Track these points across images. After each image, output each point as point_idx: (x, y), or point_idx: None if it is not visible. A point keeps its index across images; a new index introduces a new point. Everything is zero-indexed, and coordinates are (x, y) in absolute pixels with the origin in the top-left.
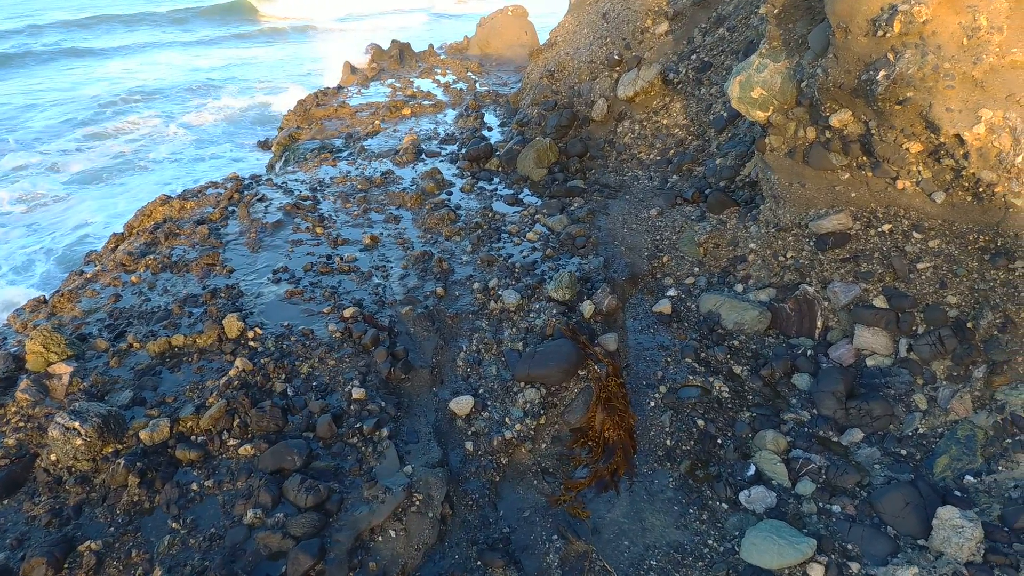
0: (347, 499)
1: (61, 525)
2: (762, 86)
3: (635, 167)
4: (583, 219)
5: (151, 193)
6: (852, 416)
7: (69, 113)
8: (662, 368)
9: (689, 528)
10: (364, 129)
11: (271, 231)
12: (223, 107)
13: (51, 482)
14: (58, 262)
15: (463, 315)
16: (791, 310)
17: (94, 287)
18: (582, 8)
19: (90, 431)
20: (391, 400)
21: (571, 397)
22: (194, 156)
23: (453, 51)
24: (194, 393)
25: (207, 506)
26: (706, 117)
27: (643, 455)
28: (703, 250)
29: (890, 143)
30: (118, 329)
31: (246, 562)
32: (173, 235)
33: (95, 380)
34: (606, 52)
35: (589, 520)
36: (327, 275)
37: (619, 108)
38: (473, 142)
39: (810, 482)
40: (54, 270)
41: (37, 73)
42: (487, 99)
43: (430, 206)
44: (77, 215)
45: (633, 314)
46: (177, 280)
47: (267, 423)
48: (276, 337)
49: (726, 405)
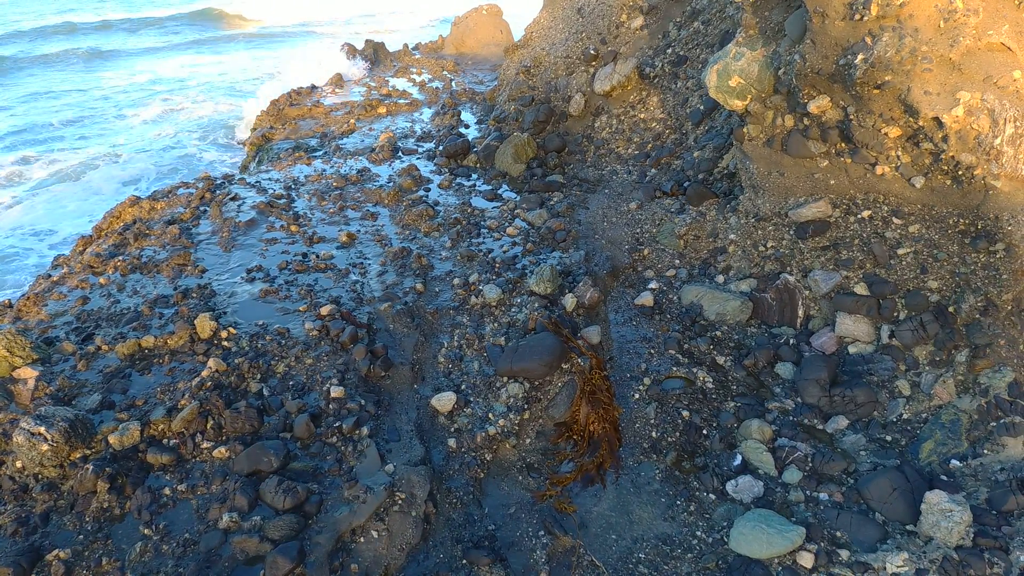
0: (327, 500)
1: (28, 534)
2: (739, 75)
3: (613, 161)
4: (563, 213)
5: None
6: (836, 403)
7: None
8: (645, 360)
9: (677, 520)
10: (339, 128)
11: (244, 230)
12: (191, 110)
13: (16, 490)
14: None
15: (443, 311)
16: (772, 299)
17: (61, 290)
18: (557, 3)
19: (57, 436)
20: (371, 398)
21: (555, 391)
22: (163, 162)
23: (428, 50)
24: (165, 395)
25: (180, 511)
26: (683, 110)
27: (629, 448)
28: (683, 242)
29: (868, 128)
30: (86, 332)
31: (222, 568)
32: (143, 236)
33: (62, 384)
34: (582, 47)
35: (576, 515)
36: (303, 273)
37: (596, 103)
38: (450, 139)
39: (797, 470)
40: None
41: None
42: (463, 97)
43: (408, 203)
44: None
45: (615, 307)
46: (147, 281)
47: (242, 424)
48: (250, 336)
49: (710, 396)
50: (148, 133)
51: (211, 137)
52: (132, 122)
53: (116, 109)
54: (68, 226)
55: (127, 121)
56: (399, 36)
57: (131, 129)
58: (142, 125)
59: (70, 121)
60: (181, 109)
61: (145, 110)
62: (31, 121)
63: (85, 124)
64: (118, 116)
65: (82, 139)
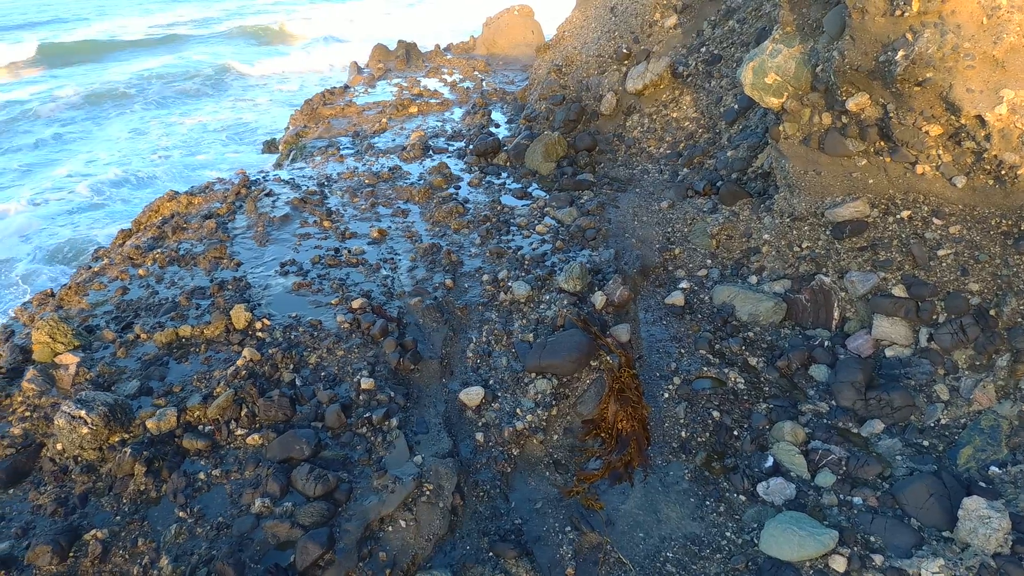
0: (356, 489)
1: (67, 514)
2: (776, 72)
3: (644, 160)
4: (593, 212)
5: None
6: (872, 407)
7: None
8: (675, 359)
9: (706, 520)
10: (371, 127)
11: (279, 225)
12: (227, 111)
13: (57, 471)
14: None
15: (472, 306)
16: (807, 301)
17: (101, 280)
18: (589, 3)
19: (96, 420)
20: (400, 390)
21: (583, 388)
22: (193, 163)
23: (459, 51)
24: (201, 383)
25: (214, 495)
26: (717, 109)
27: (657, 447)
28: (716, 242)
29: (909, 126)
30: (125, 321)
31: (254, 551)
32: (180, 229)
33: (102, 370)
34: (614, 46)
35: (603, 512)
36: (335, 267)
37: (628, 102)
38: (481, 137)
39: (830, 473)
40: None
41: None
42: (494, 96)
43: (438, 200)
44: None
45: (645, 306)
46: (184, 273)
47: (275, 413)
48: (284, 328)
49: (742, 396)
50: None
51: (246, 138)
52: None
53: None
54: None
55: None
56: (432, 39)
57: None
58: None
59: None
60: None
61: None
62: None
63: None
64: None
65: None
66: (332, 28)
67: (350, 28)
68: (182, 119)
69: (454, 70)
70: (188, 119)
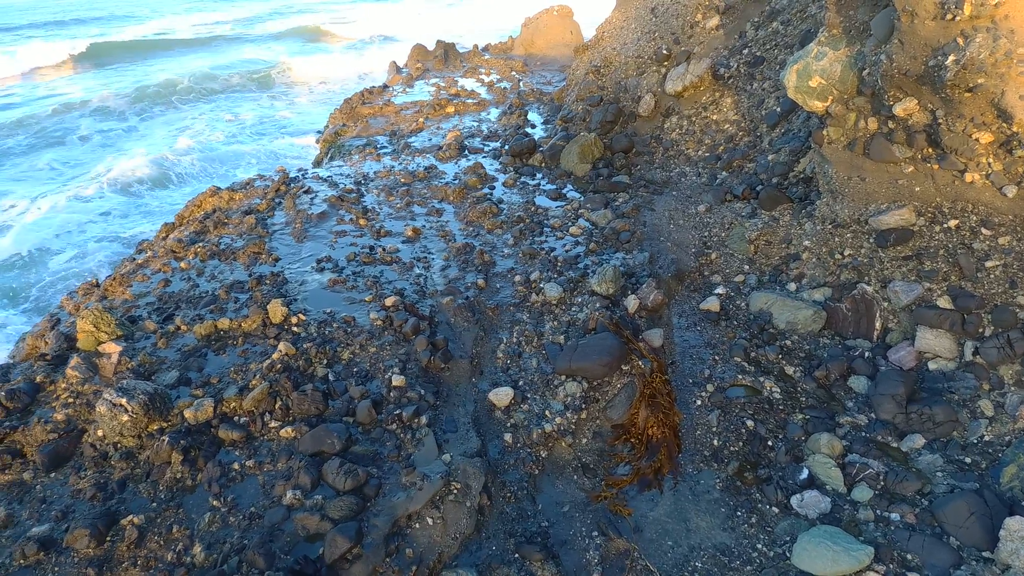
0: (385, 484)
1: (105, 499)
2: (821, 75)
3: (682, 163)
4: (628, 214)
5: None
6: (913, 421)
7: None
8: (709, 366)
9: (737, 531)
10: (408, 126)
11: (316, 222)
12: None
13: (97, 457)
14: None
15: (504, 307)
16: (848, 310)
17: (144, 272)
18: (630, 3)
19: (136, 408)
20: (430, 388)
21: (613, 392)
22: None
23: (497, 51)
24: (238, 375)
25: (247, 486)
26: (758, 112)
27: (688, 454)
28: (754, 247)
29: (958, 133)
30: (166, 312)
31: (284, 542)
32: (221, 224)
33: (143, 360)
34: (654, 47)
35: (631, 518)
36: (369, 265)
37: (667, 103)
38: (516, 138)
39: (867, 488)
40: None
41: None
42: (531, 97)
43: (472, 200)
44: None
45: (679, 311)
46: (224, 267)
47: (308, 406)
48: (319, 323)
49: (777, 406)
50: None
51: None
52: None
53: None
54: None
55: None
56: (473, 39)
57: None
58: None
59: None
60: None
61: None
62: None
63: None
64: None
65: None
66: (375, 29)
67: (393, 28)
68: (225, 116)
69: (491, 70)
70: (228, 115)
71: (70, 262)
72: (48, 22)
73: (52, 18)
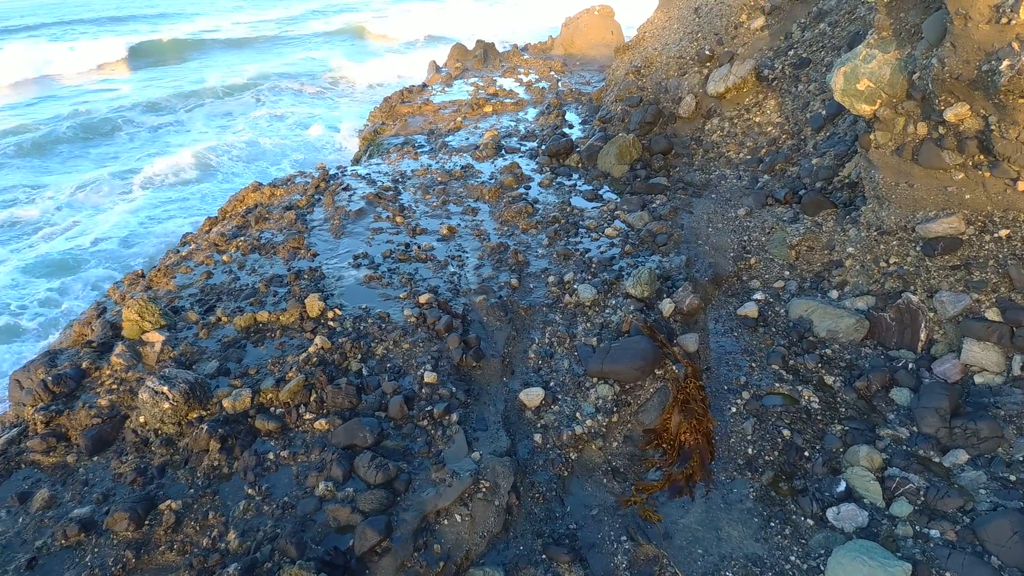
0: (415, 480)
1: (145, 483)
2: (869, 78)
3: (723, 165)
4: (665, 216)
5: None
6: (956, 436)
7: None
8: (746, 373)
9: (769, 542)
10: (446, 125)
11: (353, 219)
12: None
13: (138, 442)
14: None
15: (537, 307)
16: (892, 319)
17: (188, 264)
18: (673, 3)
19: (177, 396)
20: (461, 386)
21: (646, 396)
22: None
23: (537, 51)
24: (275, 367)
25: (281, 475)
26: (803, 115)
27: (721, 462)
28: (795, 253)
29: (1012, 140)
30: (208, 304)
31: (315, 532)
32: (263, 219)
33: (184, 349)
34: (697, 47)
35: (661, 524)
36: (405, 262)
37: (708, 105)
38: (554, 138)
39: (907, 503)
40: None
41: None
42: (569, 97)
43: (508, 199)
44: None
45: (716, 316)
46: (264, 261)
47: (342, 400)
48: (354, 318)
49: (815, 416)
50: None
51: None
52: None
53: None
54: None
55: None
56: (514, 39)
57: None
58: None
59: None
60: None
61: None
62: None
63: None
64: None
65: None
66: (419, 28)
67: (437, 28)
68: (269, 113)
69: (530, 70)
70: (272, 111)
71: (120, 248)
72: (103, 18)
73: (113, 13)
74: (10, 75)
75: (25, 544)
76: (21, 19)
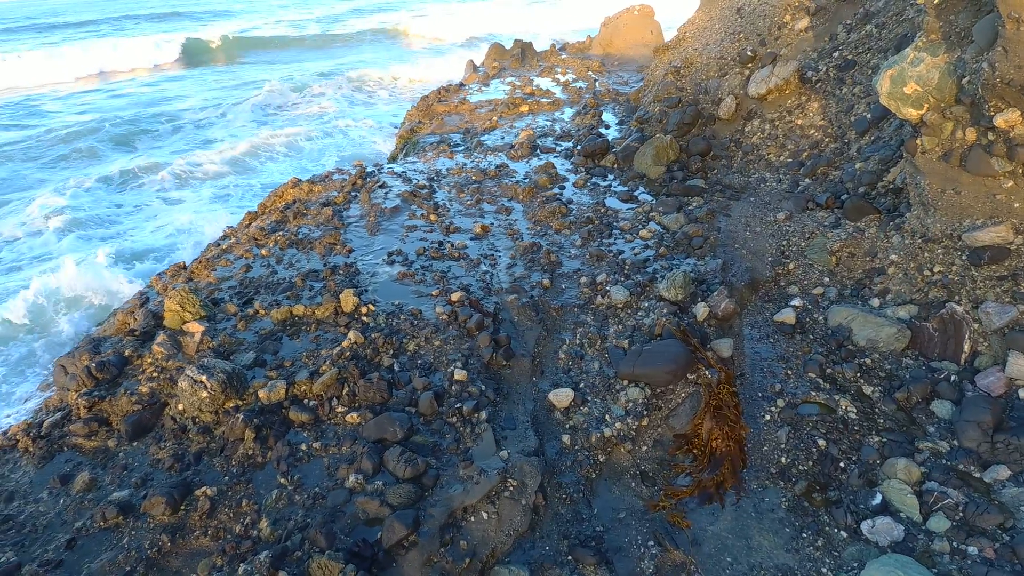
0: (443, 476)
1: (182, 470)
2: (916, 81)
3: (762, 168)
4: (702, 219)
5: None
6: (999, 451)
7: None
8: (781, 381)
9: (801, 553)
10: (482, 124)
11: (389, 216)
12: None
13: (176, 429)
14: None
15: (568, 308)
16: (934, 330)
17: (228, 257)
18: (715, 3)
19: (215, 386)
20: (491, 385)
21: (677, 401)
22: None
23: (575, 50)
24: (310, 360)
25: (313, 467)
26: (847, 118)
27: (753, 470)
28: (835, 259)
29: None
30: (246, 296)
31: (344, 524)
32: (301, 215)
33: (223, 340)
34: (738, 48)
35: (689, 531)
36: (438, 260)
37: (749, 106)
38: (590, 138)
39: (944, 518)
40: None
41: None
42: (606, 97)
43: (542, 199)
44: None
45: (751, 321)
46: (301, 256)
47: (373, 394)
48: (387, 314)
49: (852, 427)
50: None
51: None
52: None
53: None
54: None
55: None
56: (552, 38)
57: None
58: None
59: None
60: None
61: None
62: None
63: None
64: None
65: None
66: (458, 29)
67: (478, 29)
68: (309, 110)
69: (568, 70)
70: (312, 107)
71: (168, 238)
72: (152, 15)
73: (160, 10)
74: (72, 71)
75: (65, 525)
76: (75, 15)
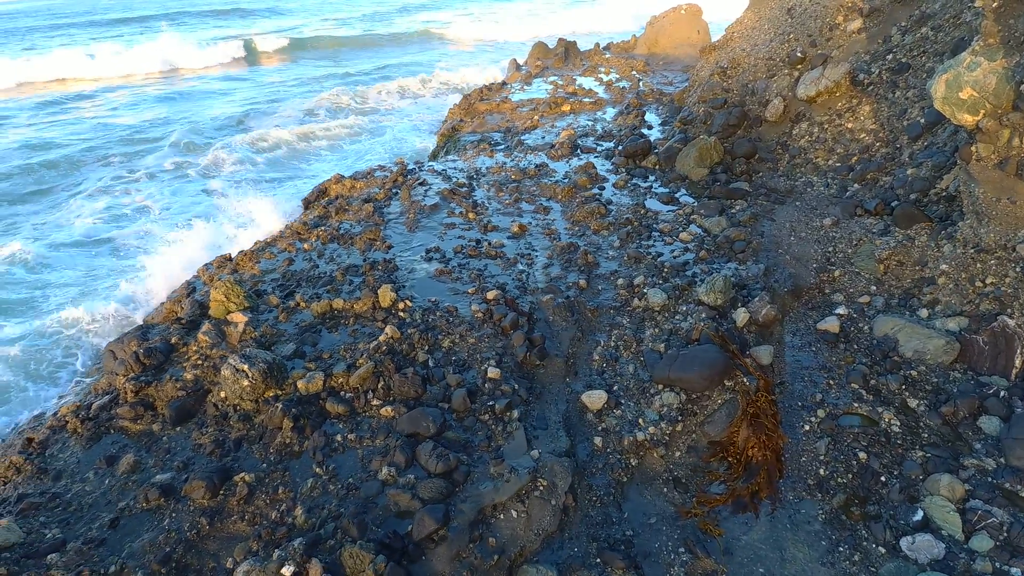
0: (474, 472)
1: (222, 455)
2: (973, 86)
3: (809, 172)
4: (745, 223)
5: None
6: None
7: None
8: (822, 391)
9: (836, 567)
10: (523, 124)
11: (428, 213)
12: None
13: (218, 416)
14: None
15: (604, 309)
16: (985, 343)
17: (272, 250)
18: (764, 3)
19: (256, 375)
20: (524, 384)
21: (713, 408)
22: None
23: (619, 50)
24: (347, 353)
25: (347, 458)
26: (899, 123)
27: (790, 481)
28: (883, 267)
29: None
30: (288, 289)
31: (376, 515)
32: (343, 211)
33: (265, 331)
34: (788, 49)
35: (721, 539)
36: (475, 258)
37: (797, 108)
38: (631, 139)
39: (988, 538)
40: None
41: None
42: (649, 97)
43: (581, 199)
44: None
45: (793, 329)
46: (342, 251)
47: (408, 389)
48: (423, 311)
49: (895, 440)
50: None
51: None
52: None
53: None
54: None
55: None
56: (594, 38)
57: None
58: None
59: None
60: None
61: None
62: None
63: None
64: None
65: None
66: (503, 31)
67: (522, 30)
68: (352, 107)
69: (611, 69)
70: (352, 104)
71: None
72: (205, 12)
73: (213, 7)
74: (143, 69)
75: (109, 504)
76: (134, 11)
